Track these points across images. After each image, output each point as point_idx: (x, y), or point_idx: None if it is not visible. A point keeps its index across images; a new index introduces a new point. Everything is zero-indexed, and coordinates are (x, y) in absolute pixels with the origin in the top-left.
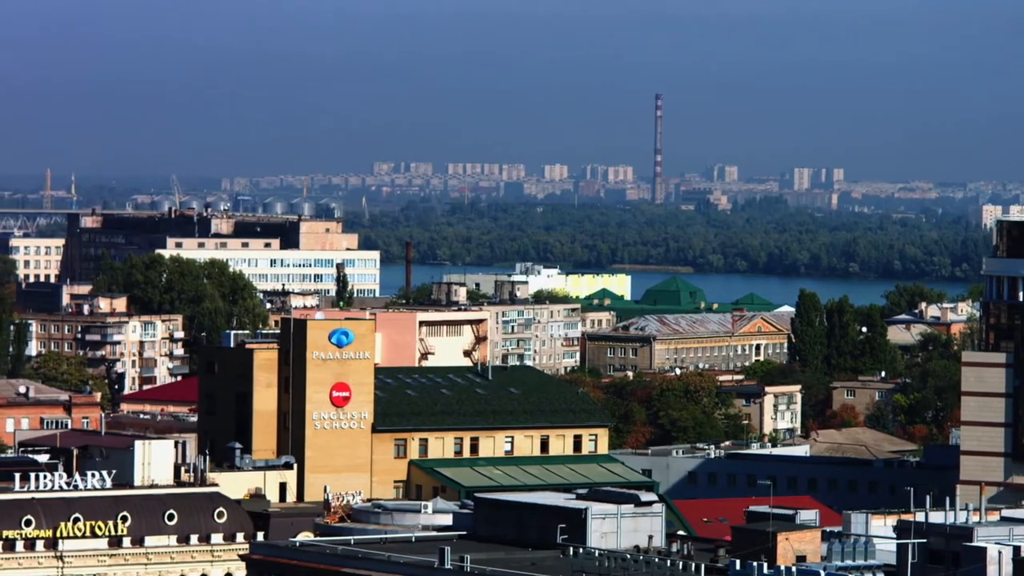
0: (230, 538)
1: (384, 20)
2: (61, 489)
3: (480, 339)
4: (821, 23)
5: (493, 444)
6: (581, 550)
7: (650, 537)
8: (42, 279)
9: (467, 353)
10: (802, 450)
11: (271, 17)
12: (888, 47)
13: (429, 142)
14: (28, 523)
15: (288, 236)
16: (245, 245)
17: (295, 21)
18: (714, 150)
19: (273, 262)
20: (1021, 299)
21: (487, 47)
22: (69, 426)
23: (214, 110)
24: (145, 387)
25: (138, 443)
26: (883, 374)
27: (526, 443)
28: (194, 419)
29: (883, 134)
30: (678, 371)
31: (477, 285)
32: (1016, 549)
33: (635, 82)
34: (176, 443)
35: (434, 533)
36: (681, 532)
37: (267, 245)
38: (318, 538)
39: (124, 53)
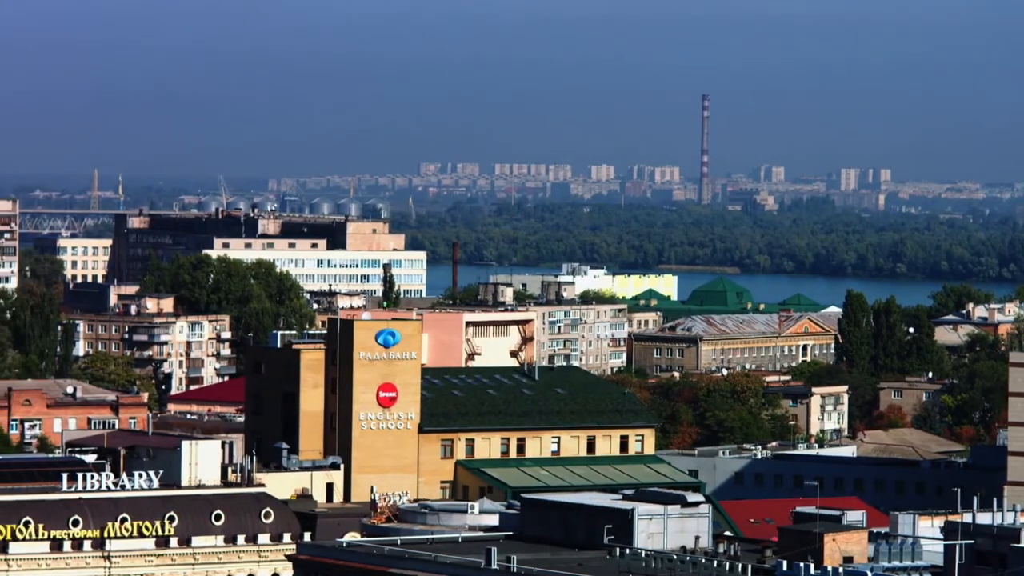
0: (277, 538)
1: (432, 21)
2: (108, 489)
3: (527, 339)
4: (868, 22)
5: (540, 444)
6: (628, 551)
7: (697, 538)
8: (89, 279)
9: (514, 353)
10: (849, 451)
11: (321, 18)
12: (936, 46)
13: (475, 143)
14: (75, 523)
15: (335, 236)
16: (292, 245)
17: (343, 22)
18: (761, 151)
19: (320, 262)
20: None
21: (535, 49)
22: (116, 426)
23: (261, 111)
24: (192, 387)
25: (185, 443)
26: (930, 375)
27: (573, 443)
28: (241, 419)
29: (930, 134)
30: (725, 372)
31: (524, 286)
32: None
33: (682, 83)
34: (223, 443)
35: (481, 533)
36: (728, 533)
37: (314, 245)
38: (365, 538)
39: (170, 56)
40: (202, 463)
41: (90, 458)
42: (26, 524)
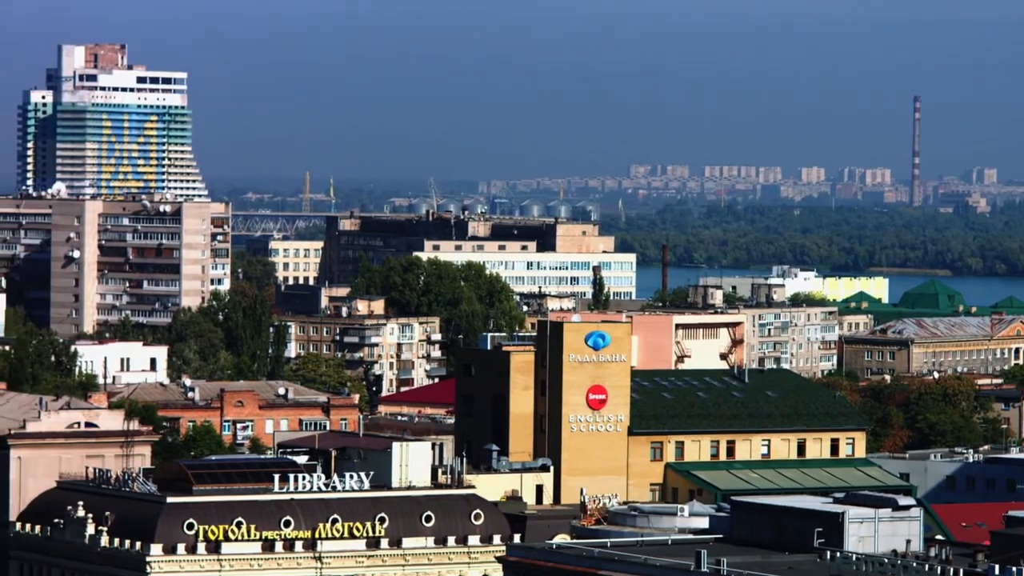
0: (487, 540)
1: (654, 28)
2: (319, 490)
3: (736, 342)
4: None
5: (749, 447)
6: (838, 554)
7: (908, 541)
8: (301, 281)
9: (723, 356)
10: None
11: (532, 26)
12: None
13: (685, 144)
14: (287, 524)
15: (545, 239)
16: (502, 247)
17: (555, 30)
18: (973, 152)
19: (530, 264)
20: None
21: (745, 54)
22: (327, 427)
23: (471, 113)
24: (402, 389)
25: (395, 445)
26: None
27: (783, 446)
28: (451, 421)
29: None
30: (936, 375)
31: (733, 288)
32: None
33: (894, 84)
34: (433, 445)
35: (690, 536)
36: (939, 537)
37: (524, 248)
38: (574, 540)
39: (390, 59)
40: (412, 464)
41: (301, 459)
42: (238, 525)
